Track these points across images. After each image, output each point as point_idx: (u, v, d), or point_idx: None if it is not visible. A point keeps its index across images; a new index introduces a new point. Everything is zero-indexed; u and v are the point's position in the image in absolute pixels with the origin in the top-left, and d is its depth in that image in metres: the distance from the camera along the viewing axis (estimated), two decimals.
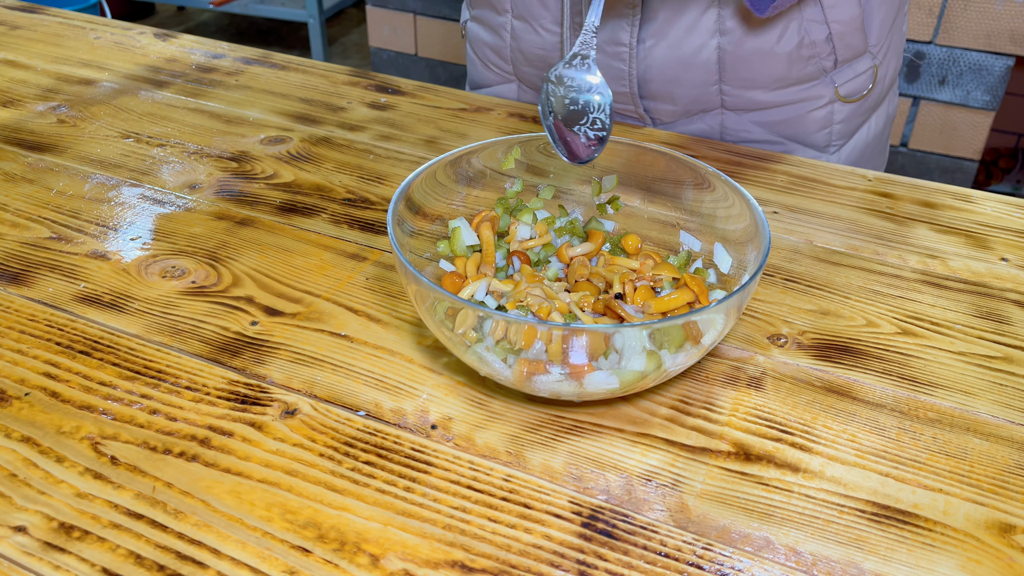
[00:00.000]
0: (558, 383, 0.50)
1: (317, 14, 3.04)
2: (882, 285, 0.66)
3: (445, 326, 0.51)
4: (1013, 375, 0.58)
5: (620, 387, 0.49)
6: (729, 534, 0.46)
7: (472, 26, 0.98)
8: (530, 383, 0.50)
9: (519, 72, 0.95)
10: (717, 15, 0.81)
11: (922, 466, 0.51)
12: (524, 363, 0.49)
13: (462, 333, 0.50)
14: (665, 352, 0.49)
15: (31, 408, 0.53)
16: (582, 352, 0.48)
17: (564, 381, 0.49)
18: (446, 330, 0.51)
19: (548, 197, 0.66)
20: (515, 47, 0.92)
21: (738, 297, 0.49)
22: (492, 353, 0.50)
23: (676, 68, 0.84)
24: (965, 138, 2.01)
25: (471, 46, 1.00)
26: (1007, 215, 0.75)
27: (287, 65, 1.02)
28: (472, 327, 0.50)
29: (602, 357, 0.49)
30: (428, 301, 0.51)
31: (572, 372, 0.49)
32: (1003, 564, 0.45)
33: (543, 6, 0.86)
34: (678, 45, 0.83)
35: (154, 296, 0.63)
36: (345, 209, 0.74)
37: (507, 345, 0.50)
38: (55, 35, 1.10)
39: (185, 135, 0.86)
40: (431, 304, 0.51)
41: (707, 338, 0.50)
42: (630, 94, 0.87)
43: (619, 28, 0.83)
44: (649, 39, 0.83)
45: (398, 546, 0.45)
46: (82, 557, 0.44)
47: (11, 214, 0.73)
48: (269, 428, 0.52)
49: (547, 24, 0.87)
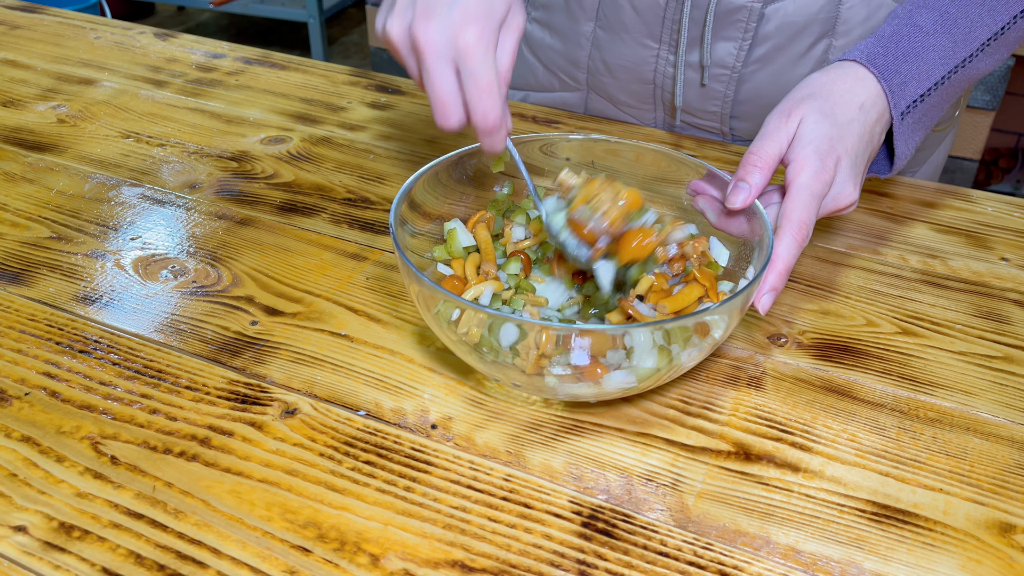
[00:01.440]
0: (573, 387, 0.49)
1: (317, 14, 3.04)
2: (882, 285, 0.66)
3: (452, 330, 0.51)
4: (1013, 375, 0.58)
5: (638, 385, 0.50)
6: (729, 534, 0.46)
7: (533, 28, 0.91)
8: (547, 388, 0.50)
9: (595, 82, 0.89)
10: (828, 45, 0.79)
11: (922, 466, 0.51)
12: (535, 368, 0.49)
13: (464, 333, 0.50)
14: (676, 347, 0.49)
15: (31, 408, 0.53)
16: (590, 353, 0.48)
17: (580, 384, 0.49)
18: (452, 334, 0.51)
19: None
20: (597, 56, 0.87)
21: (743, 296, 0.50)
22: (505, 360, 0.50)
23: (775, 94, 0.81)
24: (965, 138, 2.01)
25: (530, 49, 0.93)
26: (1007, 215, 0.75)
27: (287, 65, 1.02)
28: (477, 327, 0.50)
29: (610, 352, 0.49)
30: (437, 307, 0.51)
31: (586, 373, 0.49)
32: (1003, 564, 0.45)
33: (639, 19, 0.82)
34: (782, 72, 0.81)
35: (154, 296, 0.63)
36: (345, 209, 0.74)
37: (517, 351, 0.49)
38: (55, 35, 1.10)
39: (185, 135, 0.86)
40: (441, 310, 0.51)
41: (718, 333, 0.50)
42: (720, 114, 0.85)
43: (725, 52, 0.80)
44: (754, 64, 0.81)
45: (398, 546, 0.45)
46: (82, 557, 0.44)
47: (11, 214, 0.73)
48: (269, 428, 0.52)
49: (640, 38, 0.83)
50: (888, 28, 0.62)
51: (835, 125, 0.57)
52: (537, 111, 0.91)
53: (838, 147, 0.57)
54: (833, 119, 0.57)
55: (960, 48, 0.63)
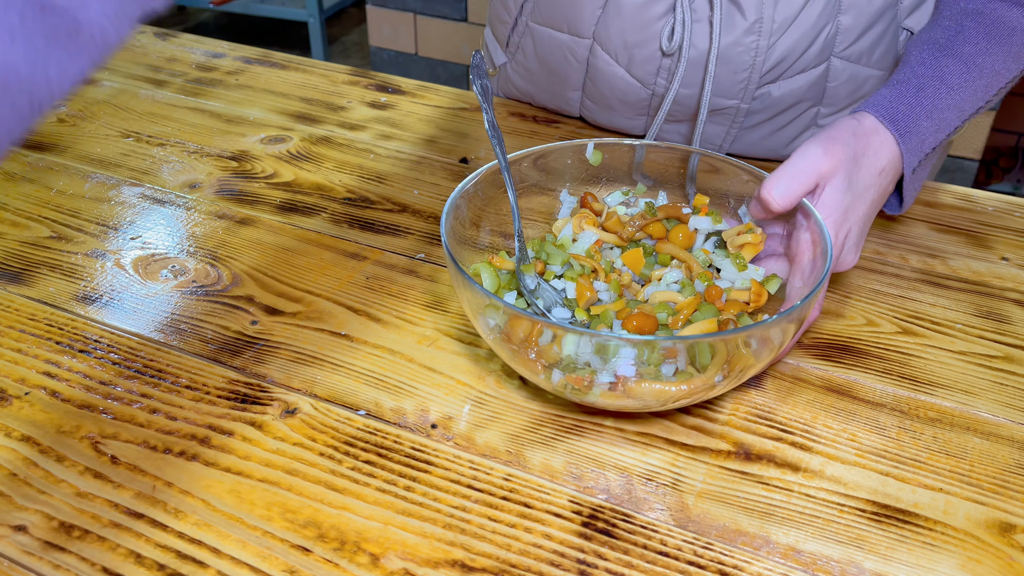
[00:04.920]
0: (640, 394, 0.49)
1: (317, 14, 3.04)
2: (882, 285, 0.66)
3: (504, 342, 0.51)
4: (1013, 374, 0.58)
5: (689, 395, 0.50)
6: (729, 533, 0.46)
7: (515, 76, 0.89)
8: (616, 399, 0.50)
9: (591, 118, 0.87)
10: (816, 112, 0.79)
11: (922, 465, 0.51)
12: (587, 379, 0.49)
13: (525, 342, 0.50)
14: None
15: (31, 408, 0.53)
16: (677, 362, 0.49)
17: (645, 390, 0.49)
18: (509, 346, 0.51)
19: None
20: (587, 115, 0.86)
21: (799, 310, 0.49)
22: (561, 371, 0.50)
23: (766, 149, 0.82)
24: (965, 138, 2.01)
25: (514, 87, 0.91)
26: (1007, 214, 0.75)
27: (287, 65, 1.02)
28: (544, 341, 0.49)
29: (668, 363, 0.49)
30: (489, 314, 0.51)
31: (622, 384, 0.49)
32: (1003, 563, 0.45)
33: (625, 104, 0.80)
34: (772, 136, 0.81)
35: (154, 295, 0.63)
36: (345, 208, 0.74)
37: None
38: None
39: (185, 134, 0.86)
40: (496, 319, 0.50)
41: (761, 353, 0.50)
42: None
43: (713, 133, 0.79)
44: (744, 131, 0.80)
45: (398, 545, 0.45)
46: (82, 556, 0.44)
47: (11, 213, 0.73)
48: (269, 427, 0.52)
49: (628, 113, 0.82)
50: (914, 80, 0.62)
51: (853, 194, 0.58)
52: (537, 112, 0.91)
53: (851, 217, 0.58)
54: (853, 189, 0.58)
55: (979, 98, 0.63)
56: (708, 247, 0.61)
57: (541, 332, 0.49)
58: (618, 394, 0.49)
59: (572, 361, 0.49)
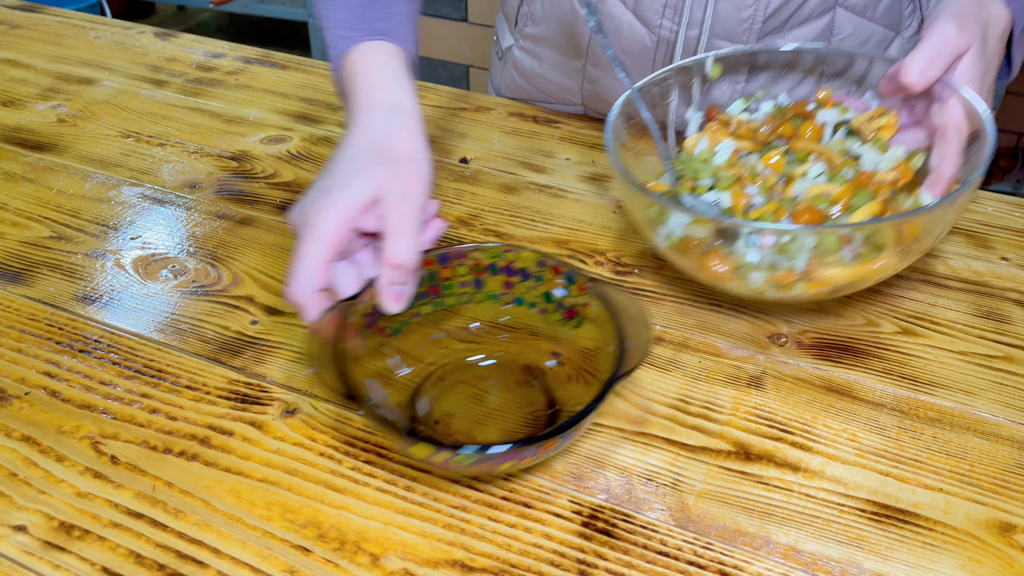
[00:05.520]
0: None
1: None
2: (882, 285, 0.66)
3: None
4: (1013, 374, 0.58)
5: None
6: (729, 533, 0.46)
7: (523, 56, 0.90)
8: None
9: (591, 104, 0.88)
10: (821, 72, 0.78)
11: (922, 465, 0.51)
12: None
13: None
14: None
15: (31, 408, 0.53)
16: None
17: None
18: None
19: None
20: (590, 88, 0.86)
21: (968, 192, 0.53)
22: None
23: None
24: None
25: (518, 74, 0.92)
26: (1008, 214, 0.75)
27: (287, 64, 1.02)
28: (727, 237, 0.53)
29: None
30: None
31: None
32: (1003, 563, 0.45)
33: (629, 61, 0.80)
34: None
35: (154, 295, 0.63)
36: None
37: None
38: (55, 34, 1.10)
39: (185, 134, 0.86)
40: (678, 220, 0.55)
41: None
42: None
43: (719, 92, 0.78)
44: None
45: (398, 545, 0.45)
46: (82, 556, 0.44)
47: (11, 213, 0.73)
48: (269, 427, 0.52)
49: (633, 77, 0.80)
50: None
51: (985, 62, 0.61)
52: (537, 111, 0.91)
53: (986, 83, 0.61)
54: (985, 57, 0.61)
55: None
56: (839, 137, 0.64)
57: (735, 235, 0.53)
58: (816, 282, 0.54)
59: (773, 260, 0.53)
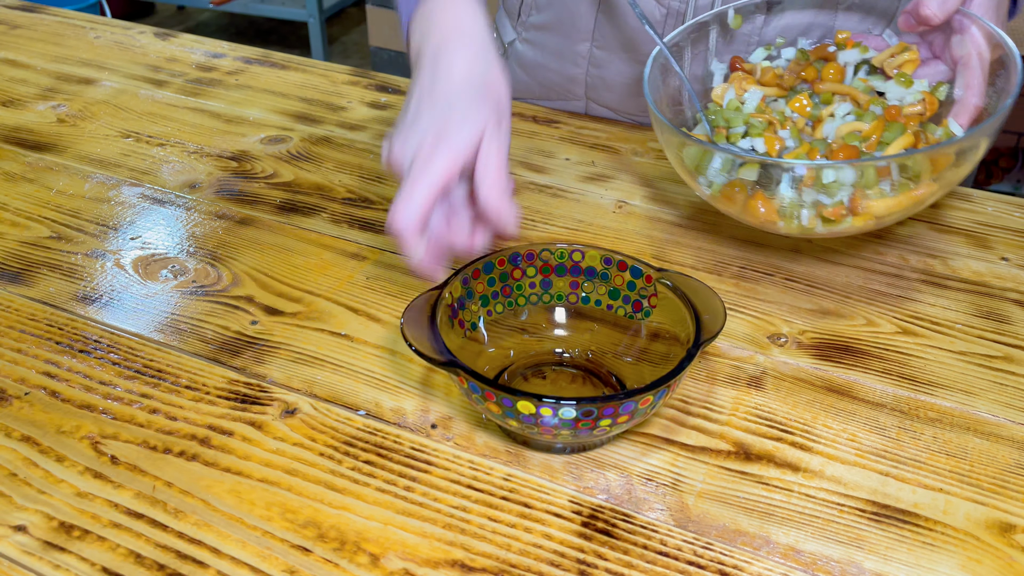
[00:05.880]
0: None
1: (317, 14, 3.04)
2: (882, 285, 0.66)
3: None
4: (1013, 375, 0.58)
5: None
6: (729, 533, 0.46)
7: (525, 49, 0.90)
8: None
9: (594, 95, 0.88)
10: None
11: (922, 465, 0.51)
12: None
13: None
14: None
15: (31, 408, 0.53)
16: None
17: None
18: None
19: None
20: (595, 73, 0.86)
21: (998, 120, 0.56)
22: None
23: None
24: None
25: (521, 68, 0.92)
26: (1008, 214, 0.75)
27: (287, 65, 1.02)
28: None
29: None
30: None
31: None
32: (1003, 564, 0.45)
33: (637, 38, 0.81)
34: None
35: (154, 295, 0.63)
36: (345, 209, 0.74)
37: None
38: (55, 34, 1.10)
39: (185, 134, 0.86)
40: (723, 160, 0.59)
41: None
42: None
43: None
44: None
45: (398, 545, 0.45)
46: (82, 556, 0.44)
47: (11, 213, 0.73)
48: (269, 427, 0.52)
49: (640, 56, 0.82)
50: None
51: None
52: (537, 111, 0.91)
53: (1001, 11, 0.62)
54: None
55: None
56: (861, 75, 0.66)
57: (778, 179, 0.57)
58: (863, 215, 0.57)
59: (822, 196, 0.57)
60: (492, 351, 0.56)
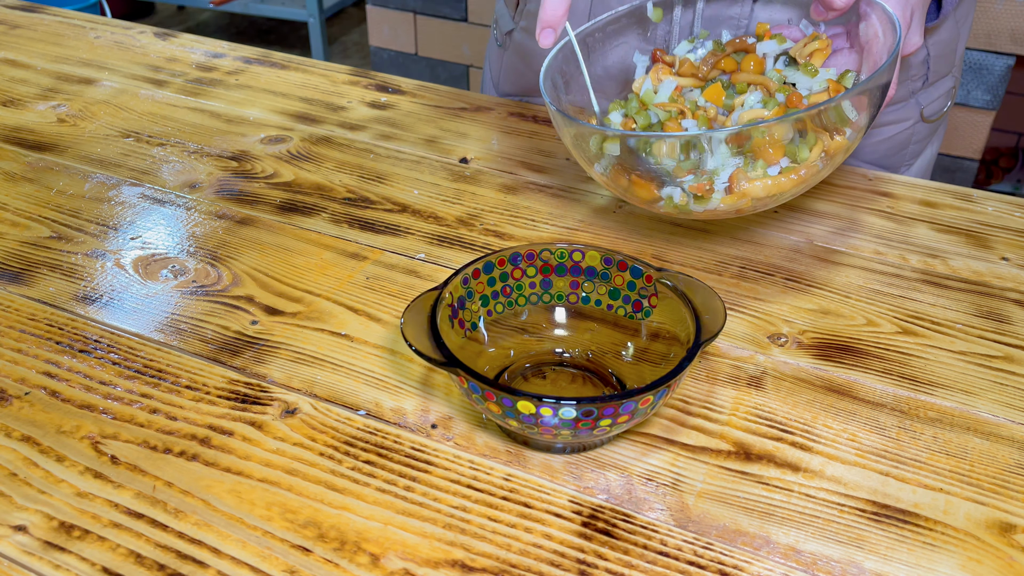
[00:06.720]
0: None
1: (317, 14, 3.04)
2: (882, 285, 0.66)
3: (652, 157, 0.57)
4: (1014, 375, 0.58)
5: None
6: (729, 533, 0.46)
7: (523, 37, 0.91)
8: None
9: (594, 85, 0.89)
10: None
11: (922, 465, 0.51)
12: None
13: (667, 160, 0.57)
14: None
15: (31, 407, 0.53)
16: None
17: None
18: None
19: None
20: (595, 62, 0.87)
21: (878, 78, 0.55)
22: None
23: None
24: (965, 137, 2.01)
25: (519, 58, 0.92)
26: (1008, 214, 0.75)
27: (287, 64, 1.02)
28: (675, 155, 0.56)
29: None
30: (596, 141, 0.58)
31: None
32: (1003, 564, 0.45)
33: None
34: None
35: (154, 295, 0.63)
36: (345, 208, 0.74)
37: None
38: (55, 34, 1.10)
39: (185, 134, 0.86)
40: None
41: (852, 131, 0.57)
42: None
43: None
44: None
45: (398, 545, 0.45)
46: (82, 556, 0.44)
47: (11, 213, 0.73)
48: (269, 427, 0.52)
49: (635, 43, 0.82)
50: None
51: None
52: (538, 111, 0.91)
53: (910, 3, 0.62)
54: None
55: None
56: (779, 67, 0.66)
57: (658, 150, 0.57)
58: (736, 195, 0.57)
59: (688, 166, 0.57)
60: (492, 351, 0.56)
